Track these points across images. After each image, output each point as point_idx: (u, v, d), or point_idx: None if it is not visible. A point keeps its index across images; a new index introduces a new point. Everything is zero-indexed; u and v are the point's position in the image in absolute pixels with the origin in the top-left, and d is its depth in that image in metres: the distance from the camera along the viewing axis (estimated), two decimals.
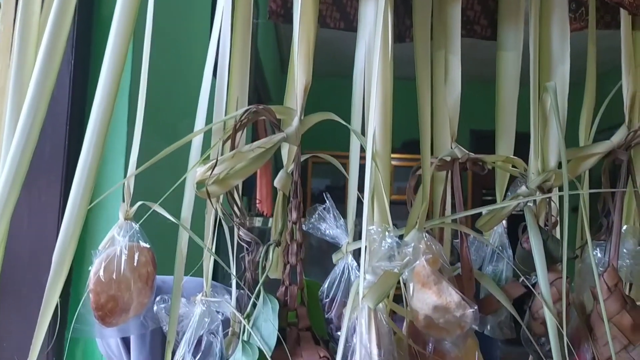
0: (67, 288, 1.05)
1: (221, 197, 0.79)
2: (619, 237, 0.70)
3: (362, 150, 0.71)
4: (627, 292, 0.81)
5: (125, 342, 0.89)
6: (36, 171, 1.02)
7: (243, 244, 0.75)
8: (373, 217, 0.68)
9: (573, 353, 0.70)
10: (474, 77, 1.99)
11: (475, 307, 0.61)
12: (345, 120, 0.71)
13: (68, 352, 1.06)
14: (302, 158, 0.76)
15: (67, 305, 1.02)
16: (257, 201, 2.51)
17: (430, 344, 0.71)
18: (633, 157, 0.75)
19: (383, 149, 0.70)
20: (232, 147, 0.73)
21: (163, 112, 1.28)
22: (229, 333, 0.76)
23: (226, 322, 0.79)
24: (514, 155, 0.77)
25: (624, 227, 0.76)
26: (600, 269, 0.70)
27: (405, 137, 3.27)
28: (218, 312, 0.78)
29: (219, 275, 1.03)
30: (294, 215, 0.72)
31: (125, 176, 0.76)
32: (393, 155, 0.73)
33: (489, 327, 0.79)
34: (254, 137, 0.77)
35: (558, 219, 0.76)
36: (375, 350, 0.60)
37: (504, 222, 0.76)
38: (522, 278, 0.68)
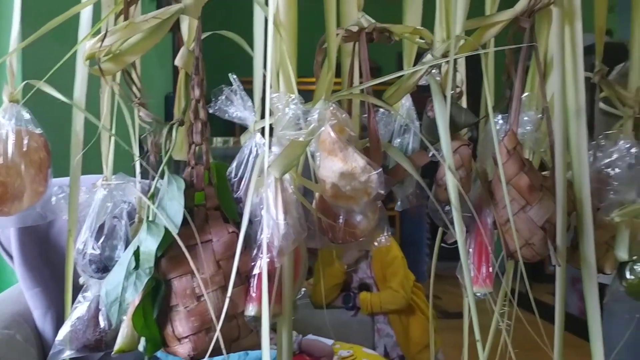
0: None
1: (119, 76, 0.74)
2: (519, 103, 0.72)
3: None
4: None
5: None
6: None
7: (144, 125, 0.71)
8: (279, 88, 0.66)
9: (475, 218, 0.73)
10: None
11: (380, 170, 0.62)
12: None
13: None
14: (204, 35, 0.72)
15: None
16: None
17: (341, 218, 0.72)
18: (537, 25, 0.76)
19: (288, 18, 0.67)
20: (126, 18, 0.68)
21: None
22: (136, 220, 0.74)
23: (134, 213, 0.77)
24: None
25: (525, 95, 0.78)
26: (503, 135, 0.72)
27: None
28: (125, 201, 0.75)
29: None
30: (197, 92, 0.69)
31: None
32: None
33: (399, 202, 0.81)
34: None
35: (463, 89, 0.77)
36: (282, 220, 0.60)
37: (410, 97, 0.76)
38: (430, 148, 0.69)
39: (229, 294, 0.58)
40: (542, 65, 0.78)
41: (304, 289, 0.72)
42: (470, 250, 0.74)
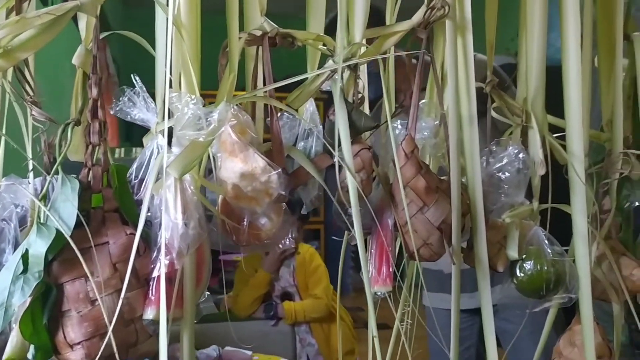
0: None
1: (10, 73, 0.71)
2: (417, 108, 0.75)
3: None
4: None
5: None
6: None
7: (38, 124, 0.68)
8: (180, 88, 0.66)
9: (375, 221, 0.75)
10: None
11: (279, 170, 0.63)
12: None
13: None
14: (102, 35, 0.70)
15: None
16: None
17: (245, 220, 0.72)
18: (435, 36, 0.80)
19: (189, 18, 0.67)
20: (18, 12, 0.65)
21: None
22: (28, 223, 0.71)
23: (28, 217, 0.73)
24: None
25: (423, 102, 0.82)
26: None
27: None
28: (17, 204, 0.72)
29: None
30: (94, 91, 0.67)
31: None
32: None
33: (304, 205, 0.82)
34: None
35: (366, 94, 0.79)
36: (180, 221, 0.60)
37: (313, 101, 0.78)
38: (332, 151, 0.70)
39: (122, 296, 0.56)
40: (440, 74, 0.82)
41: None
42: (372, 250, 0.76)
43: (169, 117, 0.60)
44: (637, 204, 0.88)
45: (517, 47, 0.86)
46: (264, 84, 0.72)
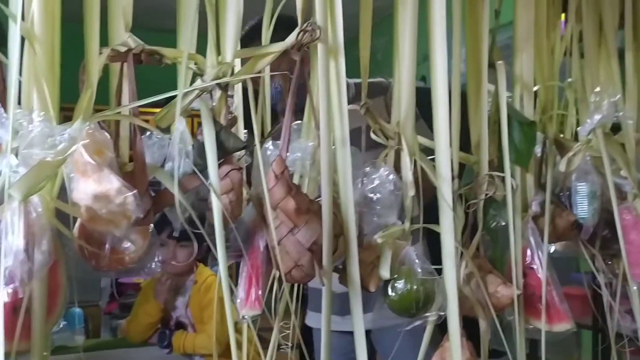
0: None
1: None
2: (289, 130, 0.75)
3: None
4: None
5: None
6: None
7: None
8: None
9: (240, 244, 0.74)
10: None
11: (135, 192, 0.60)
12: None
13: None
14: None
15: None
16: None
17: (107, 245, 0.68)
18: (312, 58, 0.80)
19: (45, 29, 0.63)
20: None
21: None
22: None
23: None
24: None
25: (297, 123, 0.82)
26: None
27: None
28: None
29: None
30: None
31: None
32: None
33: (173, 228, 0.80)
34: None
35: (237, 115, 0.79)
36: (22, 245, 0.56)
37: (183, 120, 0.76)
38: (197, 172, 0.69)
39: None
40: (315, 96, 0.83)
41: None
42: (243, 273, 0.75)
43: (9, 133, 0.56)
44: (503, 223, 0.92)
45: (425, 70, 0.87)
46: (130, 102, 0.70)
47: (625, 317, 1.34)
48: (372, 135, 0.92)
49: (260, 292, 0.73)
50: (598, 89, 0.96)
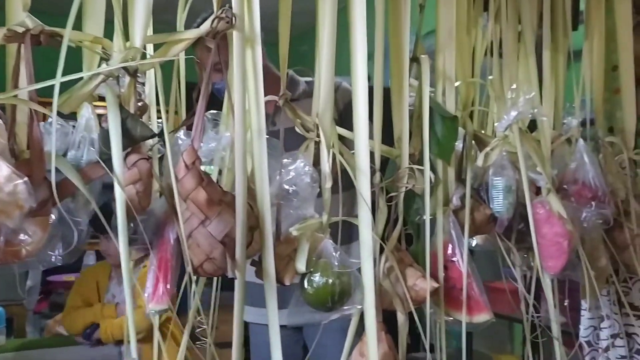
0: None
1: None
2: (202, 119, 0.73)
3: None
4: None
5: None
6: None
7: None
8: None
9: (145, 237, 0.71)
10: None
11: (26, 179, 0.57)
12: None
13: None
14: None
15: None
16: None
17: (1, 237, 0.64)
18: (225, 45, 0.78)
19: None
20: None
21: None
22: None
23: None
24: None
25: (212, 112, 0.80)
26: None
27: None
28: None
29: None
30: None
31: None
32: None
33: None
34: None
35: (147, 102, 0.76)
36: None
37: (89, 106, 0.73)
38: (100, 161, 0.66)
39: None
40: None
41: None
42: (152, 267, 0.73)
43: None
44: (425, 217, 0.93)
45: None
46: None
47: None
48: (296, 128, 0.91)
49: (168, 286, 0.70)
50: (514, 86, 0.98)
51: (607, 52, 1.19)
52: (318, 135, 0.85)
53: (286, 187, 0.81)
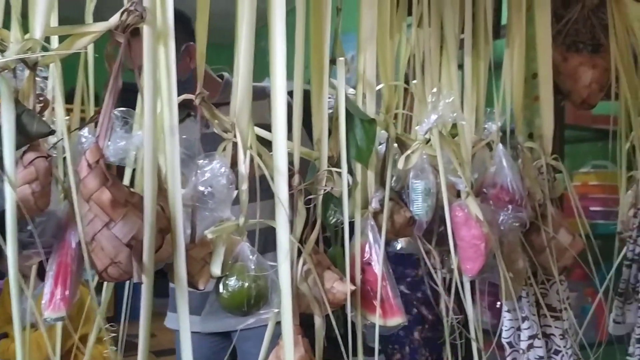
0: None
1: None
2: (108, 116, 0.70)
3: None
4: None
5: None
6: None
7: None
8: None
9: (36, 241, 0.67)
10: None
11: None
12: None
13: None
14: None
15: None
16: None
17: None
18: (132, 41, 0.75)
19: None
20: None
21: None
22: None
23: None
24: None
25: (122, 111, 0.77)
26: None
27: None
28: None
29: None
30: None
31: None
32: None
33: None
34: None
35: (48, 98, 0.72)
36: None
37: None
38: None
39: None
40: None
41: None
42: (51, 272, 0.69)
43: None
44: (341, 219, 0.92)
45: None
46: None
47: (486, 312, 1.41)
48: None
49: (67, 292, 0.67)
50: (435, 90, 0.99)
51: (527, 60, 1.23)
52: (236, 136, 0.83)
53: (202, 188, 0.79)
